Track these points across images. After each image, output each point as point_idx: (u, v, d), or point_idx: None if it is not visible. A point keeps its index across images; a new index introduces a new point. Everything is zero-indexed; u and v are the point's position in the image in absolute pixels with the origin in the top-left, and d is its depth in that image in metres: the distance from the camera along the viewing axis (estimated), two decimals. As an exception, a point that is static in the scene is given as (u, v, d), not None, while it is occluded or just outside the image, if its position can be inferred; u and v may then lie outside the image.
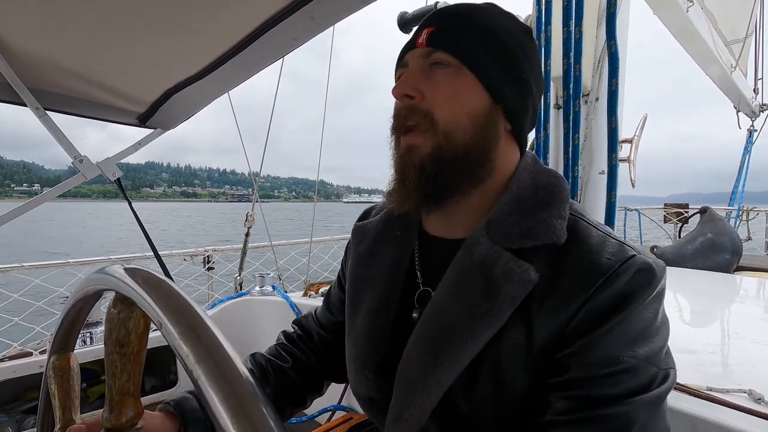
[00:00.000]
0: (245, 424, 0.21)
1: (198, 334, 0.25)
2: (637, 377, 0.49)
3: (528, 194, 0.61)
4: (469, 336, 0.54)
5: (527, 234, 0.56)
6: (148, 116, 1.51)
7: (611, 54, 1.16)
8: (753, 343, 1.28)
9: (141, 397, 0.40)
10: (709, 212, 3.07)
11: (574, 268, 0.53)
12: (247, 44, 1.01)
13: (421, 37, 0.62)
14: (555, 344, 0.52)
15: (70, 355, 0.52)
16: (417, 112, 0.60)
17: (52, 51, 1.09)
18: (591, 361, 0.50)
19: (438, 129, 0.58)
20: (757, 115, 4.89)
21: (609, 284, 0.51)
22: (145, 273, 0.32)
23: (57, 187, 1.42)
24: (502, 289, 0.53)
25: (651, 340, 0.52)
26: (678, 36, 2.68)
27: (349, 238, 0.83)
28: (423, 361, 0.57)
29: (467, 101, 0.59)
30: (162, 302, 0.28)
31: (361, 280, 0.74)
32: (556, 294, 0.53)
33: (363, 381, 0.69)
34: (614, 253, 0.53)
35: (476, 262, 0.57)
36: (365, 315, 0.70)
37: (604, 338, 0.50)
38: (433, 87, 0.60)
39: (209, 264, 3.13)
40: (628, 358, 0.50)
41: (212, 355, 0.24)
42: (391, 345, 0.66)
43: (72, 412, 0.49)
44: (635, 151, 1.36)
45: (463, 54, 0.59)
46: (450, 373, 0.54)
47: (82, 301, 0.45)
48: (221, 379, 0.22)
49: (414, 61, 0.63)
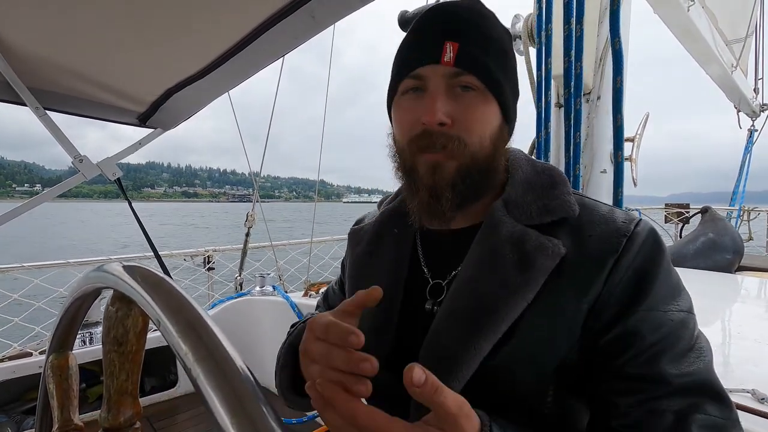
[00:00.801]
0: (244, 423, 0.20)
1: (197, 332, 0.24)
2: (688, 327, 0.54)
3: (533, 178, 0.66)
4: (507, 306, 0.57)
5: (545, 211, 0.61)
6: (149, 116, 1.50)
7: (615, 51, 1.15)
8: (755, 343, 1.27)
9: (140, 397, 0.39)
10: (710, 212, 3.06)
11: (596, 235, 0.58)
12: (248, 43, 1.00)
13: (447, 54, 0.60)
14: (595, 310, 0.55)
15: (68, 354, 0.51)
16: (450, 138, 0.61)
17: (52, 51, 1.09)
18: (655, 326, 0.53)
19: (466, 152, 0.61)
20: (758, 115, 4.89)
21: (632, 243, 0.56)
22: (143, 271, 0.32)
23: (57, 186, 1.42)
24: (537, 263, 0.57)
25: (684, 291, 0.57)
26: (679, 35, 2.67)
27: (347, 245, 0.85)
28: (457, 333, 0.59)
29: (490, 125, 0.63)
30: (160, 300, 0.27)
31: (361, 279, 0.75)
32: (585, 260, 0.56)
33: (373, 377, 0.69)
34: (625, 218, 0.59)
35: (505, 240, 0.61)
36: (369, 310, 0.71)
37: (654, 300, 0.54)
38: (464, 113, 0.61)
39: (209, 264, 3.13)
40: (676, 312, 0.54)
41: (211, 354, 0.23)
42: (398, 340, 0.68)
43: (70, 412, 0.49)
44: (637, 149, 1.36)
45: (490, 80, 0.61)
46: (488, 342, 0.56)
47: (81, 300, 0.44)
48: (220, 378, 0.22)
49: (438, 81, 0.61)
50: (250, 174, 3.04)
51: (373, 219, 0.80)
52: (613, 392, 0.54)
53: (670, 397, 0.51)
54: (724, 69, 3.38)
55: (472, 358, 0.57)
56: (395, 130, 0.68)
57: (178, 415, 2.25)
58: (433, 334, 0.62)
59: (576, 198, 0.63)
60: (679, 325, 0.54)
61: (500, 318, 0.56)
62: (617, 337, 0.54)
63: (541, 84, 1.40)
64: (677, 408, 0.50)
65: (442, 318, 0.62)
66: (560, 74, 1.29)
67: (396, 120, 0.67)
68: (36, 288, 2.38)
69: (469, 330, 0.58)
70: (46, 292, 2.46)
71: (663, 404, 0.51)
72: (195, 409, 2.29)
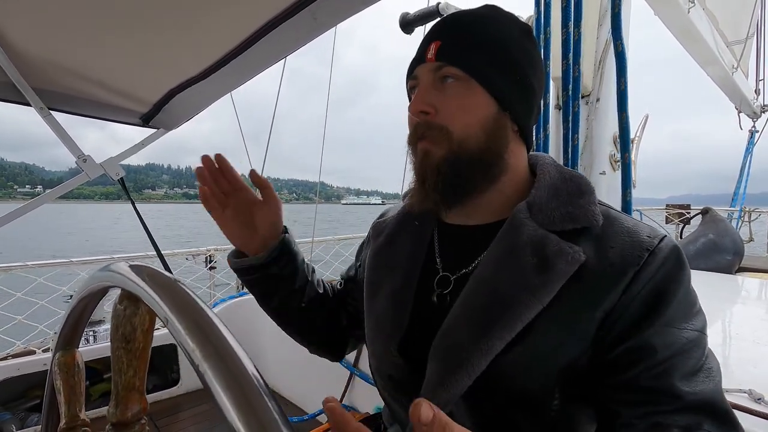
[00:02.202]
0: (252, 420, 0.21)
1: (204, 329, 0.25)
2: (699, 346, 0.55)
3: (560, 184, 0.66)
4: (524, 306, 0.57)
5: (568, 218, 0.62)
6: (151, 116, 1.51)
7: (618, 53, 1.16)
8: (754, 344, 1.28)
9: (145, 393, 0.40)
10: (710, 213, 3.07)
11: (619, 246, 0.58)
12: (250, 44, 1.01)
13: (430, 51, 0.65)
14: (610, 320, 0.56)
15: (75, 351, 0.52)
16: (433, 127, 0.64)
17: (56, 51, 1.10)
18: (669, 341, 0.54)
19: (452, 139, 0.63)
20: (759, 116, 4.89)
21: (654, 257, 0.56)
22: (150, 270, 0.33)
23: (60, 186, 1.43)
24: (557, 267, 0.57)
25: (701, 313, 0.58)
26: (679, 37, 2.67)
27: (367, 235, 0.89)
28: (473, 329, 0.60)
29: (477, 111, 0.64)
30: (168, 298, 0.28)
31: (381, 266, 0.78)
32: (605, 270, 0.57)
33: (385, 358, 0.72)
34: (650, 233, 0.59)
35: (526, 242, 0.62)
36: (387, 297, 0.74)
37: (672, 317, 0.54)
38: (446, 101, 0.64)
39: (211, 263, 3.14)
40: (690, 331, 0.55)
41: (219, 351, 0.24)
42: (410, 327, 0.70)
43: (77, 408, 0.50)
44: (636, 151, 1.37)
45: (471, 68, 0.63)
46: (501, 341, 0.58)
47: (88, 298, 0.46)
48: (228, 375, 0.23)
49: (425, 76, 0.66)
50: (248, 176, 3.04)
51: (395, 213, 0.84)
52: (619, 403, 0.55)
53: (676, 413, 0.52)
54: (724, 70, 3.38)
55: (484, 355, 0.58)
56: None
57: (180, 413, 2.27)
58: (448, 328, 0.64)
59: (602, 209, 0.64)
60: (691, 343, 0.54)
61: (515, 318, 0.57)
62: (630, 349, 0.55)
63: (540, 86, 1.40)
64: (683, 424, 0.51)
65: (459, 314, 0.63)
66: (559, 76, 1.30)
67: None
68: (39, 286, 2.39)
69: (483, 327, 0.59)
70: (49, 291, 2.47)
71: (669, 419, 0.52)
72: (197, 407, 2.30)
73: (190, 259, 3.09)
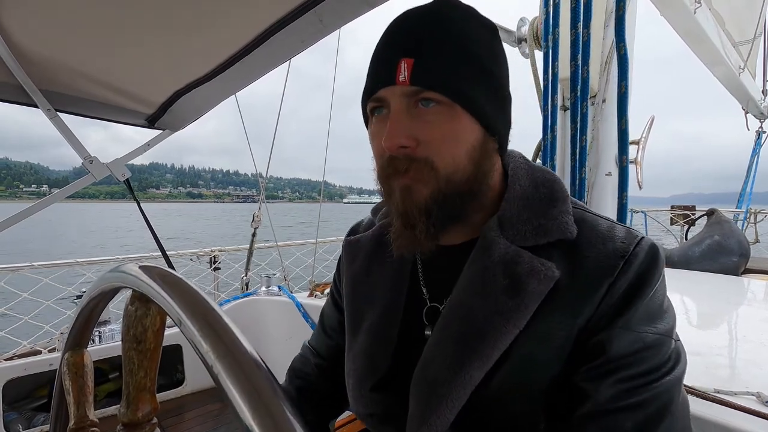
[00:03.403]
0: (267, 420, 0.21)
1: (217, 330, 0.25)
2: (659, 351, 0.52)
3: (531, 192, 0.62)
4: (499, 333, 0.55)
5: (541, 232, 0.58)
6: (157, 117, 1.52)
7: (621, 56, 1.15)
8: (761, 346, 1.27)
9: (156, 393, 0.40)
10: (716, 214, 3.05)
11: (593, 256, 0.55)
12: (255, 46, 1.02)
13: (401, 72, 0.54)
14: (586, 330, 0.54)
15: (84, 351, 0.53)
16: (416, 161, 0.56)
17: (63, 54, 1.11)
18: (623, 344, 0.52)
19: (439, 175, 0.56)
20: (766, 117, 4.85)
21: (629, 265, 0.54)
22: (161, 270, 0.33)
23: (67, 187, 1.44)
24: (529, 287, 0.54)
25: (667, 315, 0.55)
26: (685, 37, 2.66)
27: (340, 256, 0.81)
28: (449, 361, 0.57)
29: (464, 140, 0.57)
30: (181, 299, 0.28)
31: (360, 299, 0.72)
32: (580, 282, 0.54)
33: (360, 399, 0.69)
34: (625, 237, 0.56)
35: (497, 262, 0.58)
36: (365, 333, 0.69)
37: (631, 319, 0.53)
38: (427, 130, 0.55)
39: (215, 264, 3.15)
40: (651, 334, 0.52)
41: (232, 352, 0.24)
42: (394, 361, 0.66)
43: (86, 408, 0.50)
44: (642, 152, 1.36)
45: (455, 92, 0.55)
46: (480, 371, 0.55)
47: (98, 299, 0.46)
48: (242, 376, 0.23)
49: (396, 101, 0.56)
50: (254, 175, 3.06)
51: (369, 231, 0.77)
52: (563, 401, 0.54)
53: (607, 414, 0.50)
54: (731, 71, 3.36)
55: (464, 387, 0.55)
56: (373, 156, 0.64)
57: (186, 413, 2.27)
58: (425, 362, 0.60)
59: (576, 212, 0.60)
60: (648, 347, 0.52)
61: (491, 345, 0.55)
62: (587, 348, 0.53)
63: (547, 87, 1.40)
64: (618, 424, 0.50)
65: (434, 344, 0.60)
66: (567, 77, 1.29)
67: (371, 146, 0.63)
68: (45, 287, 2.41)
69: (460, 358, 0.56)
70: (55, 291, 2.49)
71: (603, 422, 0.50)
72: (202, 408, 2.31)
73: (194, 260, 3.10)
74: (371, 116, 0.62)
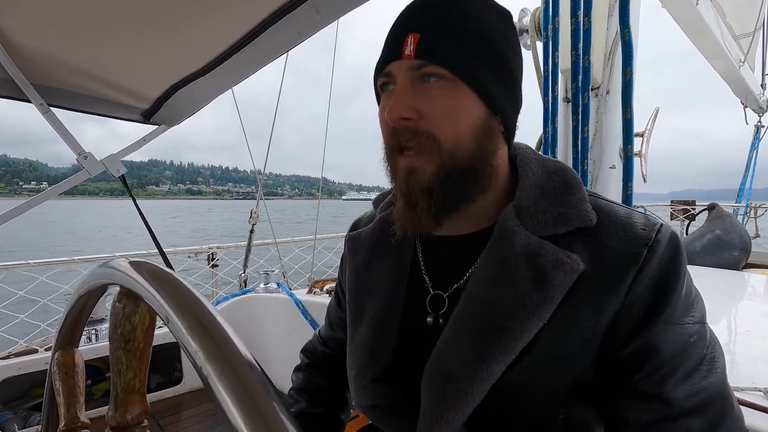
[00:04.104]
0: (258, 424, 0.20)
1: (207, 329, 0.24)
2: (704, 339, 0.53)
3: (545, 181, 0.62)
4: (523, 326, 0.53)
5: (561, 220, 0.57)
6: (153, 112, 1.50)
7: (625, 42, 1.13)
8: (764, 341, 1.26)
9: (146, 394, 0.39)
10: (717, 209, 3.04)
11: (615, 245, 0.54)
12: (252, 39, 1.00)
13: (407, 47, 0.56)
14: (616, 323, 0.53)
15: (74, 350, 0.51)
16: (418, 134, 0.56)
17: (56, 47, 1.08)
18: (672, 339, 0.52)
19: (442, 150, 0.56)
20: (765, 111, 4.84)
21: (653, 253, 0.53)
22: (150, 266, 0.31)
23: (61, 183, 1.42)
24: (555, 280, 0.53)
25: (698, 300, 0.55)
26: (687, 29, 2.64)
27: (344, 252, 0.81)
28: (467, 354, 0.56)
29: (467, 116, 0.57)
30: (168, 296, 0.26)
31: (361, 292, 0.73)
32: (604, 273, 0.53)
33: (362, 390, 0.68)
34: (645, 224, 0.55)
35: (519, 253, 0.57)
36: (367, 325, 0.69)
37: (674, 313, 0.52)
38: (430, 104, 0.56)
39: (214, 261, 3.14)
40: (691, 324, 0.53)
41: (223, 352, 0.22)
42: (396, 352, 0.65)
43: (77, 409, 0.48)
44: (647, 144, 1.34)
45: (458, 68, 0.55)
46: (501, 365, 0.54)
47: (87, 296, 0.44)
48: (233, 377, 0.21)
49: (402, 75, 0.57)
50: (253, 171, 3.04)
51: (369, 224, 0.77)
52: (627, 409, 0.53)
53: (681, 418, 0.50)
54: (731, 64, 3.35)
55: (483, 382, 0.54)
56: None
57: (183, 411, 2.26)
58: (439, 355, 0.59)
59: (591, 200, 0.59)
60: (694, 337, 0.52)
61: (514, 339, 0.53)
62: (635, 351, 0.52)
63: (547, 78, 1.38)
64: (688, 427, 0.50)
65: (450, 337, 0.59)
66: (568, 68, 1.28)
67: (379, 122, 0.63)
68: (42, 285, 2.39)
69: (480, 352, 0.55)
70: (51, 289, 2.47)
71: (673, 427, 0.50)
72: (200, 406, 2.29)
73: (192, 257, 3.08)
74: (381, 93, 0.63)
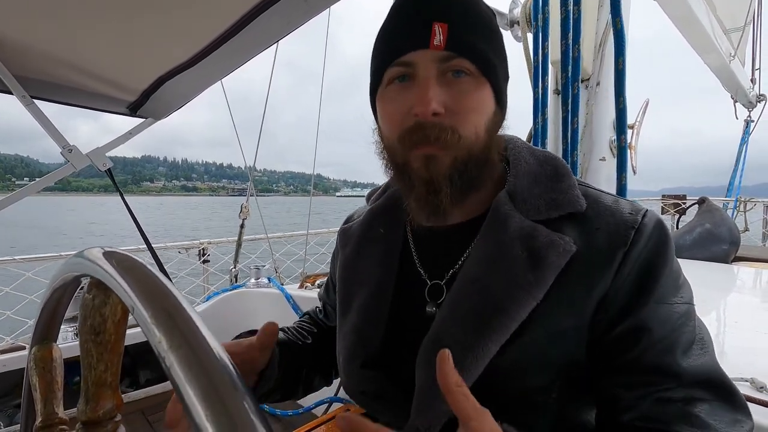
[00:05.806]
0: (222, 419, 0.18)
1: (173, 318, 0.22)
2: (691, 318, 0.55)
3: (537, 169, 0.64)
4: (518, 305, 0.55)
5: (554, 205, 0.59)
6: (139, 105, 1.47)
7: (617, 31, 1.12)
8: (753, 333, 1.27)
9: (135, 390, 0.38)
10: (707, 203, 3.06)
11: (604, 228, 0.57)
12: (240, 28, 0.98)
13: (436, 36, 0.55)
14: (606, 302, 0.55)
15: (52, 345, 0.49)
16: (442, 128, 0.56)
17: (38, 37, 1.06)
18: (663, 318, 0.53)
19: (461, 144, 0.57)
20: (754, 106, 4.88)
21: (640, 235, 0.55)
22: (120, 255, 0.30)
23: (44, 178, 1.39)
24: (548, 260, 0.55)
25: (686, 282, 0.58)
26: (677, 23, 2.65)
27: (336, 244, 0.83)
28: (463, 335, 0.57)
29: (485, 112, 0.59)
30: (134, 284, 0.25)
31: (350, 281, 0.74)
32: (594, 254, 0.55)
33: (351, 375, 0.69)
34: (632, 209, 0.58)
35: (514, 235, 0.58)
36: (356, 311, 0.70)
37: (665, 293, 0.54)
38: (458, 100, 0.56)
39: (204, 257, 3.11)
40: (680, 304, 0.55)
41: (187, 341, 0.21)
42: (386, 339, 0.66)
43: (54, 405, 0.47)
44: (637, 137, 1.34)
45: (484, 63, 0.57)
46: (496, 344, 0.55)
47: (62, 289, 0.42)
48: (196, 368, 0.20)
49: (428, 66, 0.56)
50: (246, 167, 3.01)
51: (360, 218, 0.78)
52: (620, 386, 0.54)
53: (678, 388, 0.52)
54: (722, 58, 3.36)
55: (479, 360, 0.55)
56: (382, 125, 0.63)
57: (174, 407, 2.25)
58: (434, 336, 0.59)
59: (581, 188, 0.61)
60: (684, 317, 0.54)
61: (509, 317, 0.55)
62: (626, 331, 0.54)
63: (537, 69, 1.37)
64: (682, 396, 0.51)
65: (444, 319, 0.59)
66: (558, 60, 1.27)
67: (383, 113, 0.62)
68: (29, 282, 2.36)
69: (475, 332, 0.56)
70: (38, 285, 2.43)
71: (670, 394, 0.51)
72: (190, 402, 2.28)
73: (182, 253, 3.06)
74: (389, 83, 0.60)
